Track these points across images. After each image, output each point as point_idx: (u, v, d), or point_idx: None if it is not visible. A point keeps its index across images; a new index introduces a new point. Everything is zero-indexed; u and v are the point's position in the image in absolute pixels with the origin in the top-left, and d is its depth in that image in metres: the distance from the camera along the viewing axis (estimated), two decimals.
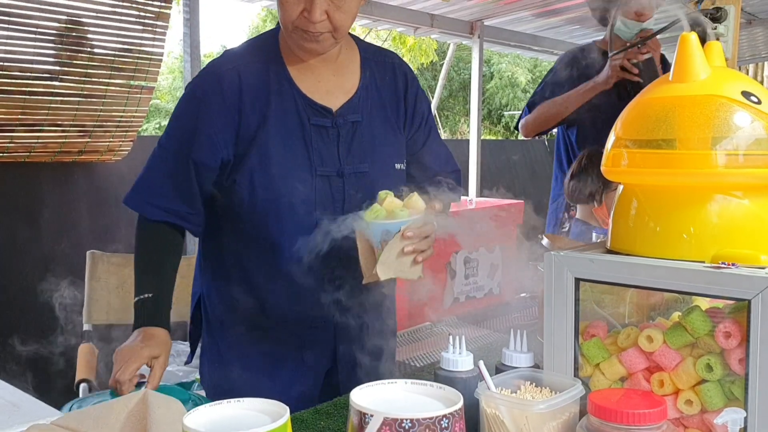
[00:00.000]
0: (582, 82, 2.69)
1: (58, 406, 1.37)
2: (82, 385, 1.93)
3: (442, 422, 0.71)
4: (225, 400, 0.70)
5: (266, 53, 1.48)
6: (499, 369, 1.17)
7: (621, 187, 1.14)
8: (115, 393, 1.30)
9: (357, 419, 0.73)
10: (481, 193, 4.60)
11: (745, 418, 0.87)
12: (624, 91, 2.69)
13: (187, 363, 1.65)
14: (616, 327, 1.19)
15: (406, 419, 0.70)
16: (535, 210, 4.32)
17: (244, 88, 1.43)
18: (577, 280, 1.07)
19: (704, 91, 1.03)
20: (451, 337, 1.11)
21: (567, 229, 3.21)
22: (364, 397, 0.79)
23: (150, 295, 1.40)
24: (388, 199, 1.33)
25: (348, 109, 1.48)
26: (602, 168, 1.14)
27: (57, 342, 3.01)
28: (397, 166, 1.54)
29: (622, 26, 2.63)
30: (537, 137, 3.30)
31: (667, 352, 1.01)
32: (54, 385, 2.95)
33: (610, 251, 1.13)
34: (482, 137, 4.80)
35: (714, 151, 1.01)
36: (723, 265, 0.97)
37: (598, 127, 2.62)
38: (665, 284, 1.00)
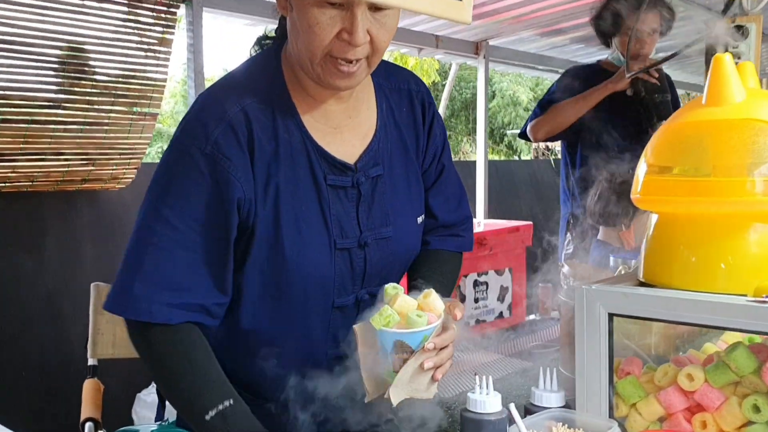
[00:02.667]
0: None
1: None
2: (88, 425, 1.85)
3: None
4: None
5: (270, 88, 1.19)
6: (528, 409, 1.11)
7: (654, 216, 1.09)
8: None
9: None
10: (488, 215, 4.54)
11: None
12: (630, 108, 2.69)
13: (158, 420, 1.44)
14: (646, 360, 1.13)
15: None
16: (542, 231, 4.28)
17: (255, 135, 1.14)
18: (611, 315, 1.01)
19: (740, 115, 0.98)
20: (477, 377, 1.05)
21: (571, 251, 3.17)
22: None
23: (230, 402, 1.09)
24: (399, 299, 1.06)
25: (368, 161, 1.22)
26: (632, 196, 1.09)
27: (61, 377, 2.95)
28: (419, 220, 1.31)
29: (618, 57, 2.71)
30: (545, 142, 3.31)
31: (709, 392, 0.95)
32: (59, 424, 2.89)
33: (642, 283, 1.07)
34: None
35: (751, 177, 0.96)
36: (766, 299, 0.92)
37: (602, 146, 2.64)
38: (704, 320, 0.95)
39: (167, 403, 1.38)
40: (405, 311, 1.06)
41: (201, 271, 1.12)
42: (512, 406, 0.98)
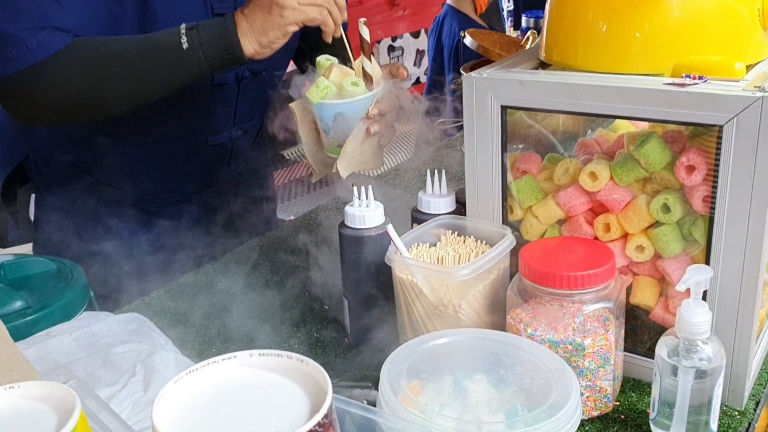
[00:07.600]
0: None
1: None
2: None
3: None
4: None
5: None
6: (415, 217, 0.97)
7: None
8: None
9: None
10: None
11: (711, 279, 0.70)
12: None
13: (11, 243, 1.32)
14: (552, 146, 0.99)
15: None
16: None
17: None
18: (504, 108, 0.84)
19: None
20: (355, 187, 0.90)
21: None
22: (178, 399, 0.48)
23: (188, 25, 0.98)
24: (334, 69, 0.98)
25: None
26: None
27: None
28: None
29: None
30: None
31: (615, 191, 0.82)
32: None
33: (543, 64, 0.90)
34: None
35: None
36: (687, 80, 0.76)
37: None
38: (613, 109, 0.78)
39: None
40: (341, 82, 0.98)
41: None
42: (390, 228, 0.84)
